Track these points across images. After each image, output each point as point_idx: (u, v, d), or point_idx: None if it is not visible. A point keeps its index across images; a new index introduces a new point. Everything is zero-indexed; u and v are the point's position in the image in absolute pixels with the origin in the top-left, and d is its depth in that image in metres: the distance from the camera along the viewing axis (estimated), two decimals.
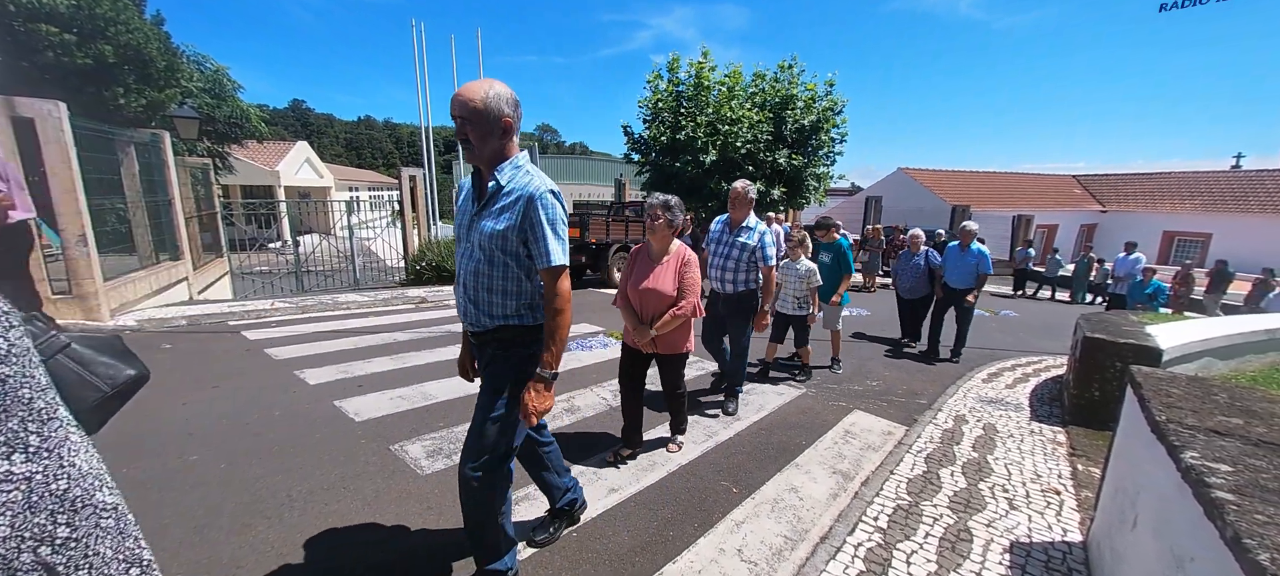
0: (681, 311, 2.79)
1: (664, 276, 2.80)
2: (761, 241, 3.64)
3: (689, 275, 2.81)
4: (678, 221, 2.83)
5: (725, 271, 3.72)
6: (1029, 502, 2.80)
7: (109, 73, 9.57)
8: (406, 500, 2.61)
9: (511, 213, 1.68)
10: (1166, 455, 1.57)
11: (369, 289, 9.35)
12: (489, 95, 1.63)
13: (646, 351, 2.89)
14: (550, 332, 1.72)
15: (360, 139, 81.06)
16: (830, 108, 13.12)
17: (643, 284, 2.81)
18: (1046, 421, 4.02)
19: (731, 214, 3.79)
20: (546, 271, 1.71)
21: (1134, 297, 7.71)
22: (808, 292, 4.52)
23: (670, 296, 2.78)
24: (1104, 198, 24.02)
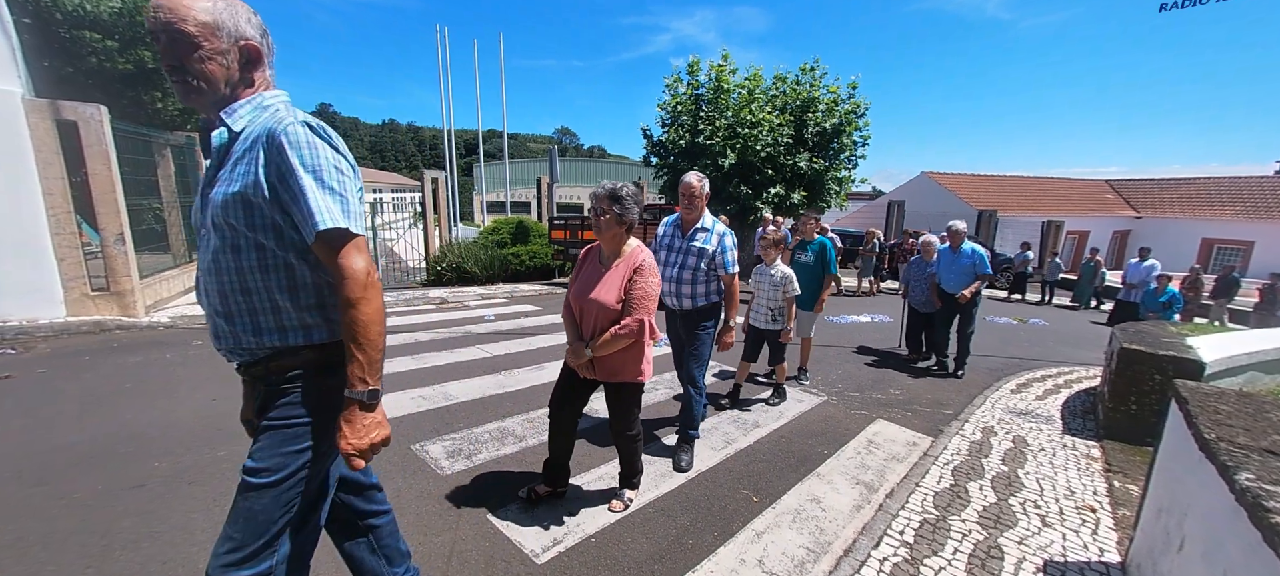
0: (622, 330, 2.22)
1: (608, 285, 2.27)
2: (721, 244, 3.03)
3: (637, 285, 2.25)
4: (630, 216, 2.29)
5: (681, 284, 3.08)
6: (1063, 520, 2.70)
7: (148, 77, 9.94)
8: (427, 500, 2.63)
9: (248, 164, 1.14)
10: (1217, 476, 1.49)
11: (392, 289, 9.51)
12: (217, 5, 1.15)
13: (583, 375, 2.39)
14: (351, 334, 1.16)
15: (384, 142, 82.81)
16: (853, 110, 12.94)
17: (583, 291, 2.34)
18: (1079, 435, 3.88)
19: (682, 213, 3.13)
20: (321, 244, 1.15)
21: (1147, 306, 7.38)
22: (784, 303, 3.97)
23: (612, 310, 2.24)
24: (1138, 203, 23.21)
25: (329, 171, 1.16)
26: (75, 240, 5.51)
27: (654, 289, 2.30)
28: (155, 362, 4.63)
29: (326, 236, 1.14)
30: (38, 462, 2.82)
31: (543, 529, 2.43)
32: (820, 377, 5.03)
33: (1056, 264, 13.04)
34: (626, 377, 2.37)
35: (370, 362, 1.19)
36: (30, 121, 5.16)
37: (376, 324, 1.20)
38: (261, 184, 1.14)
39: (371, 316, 1.18)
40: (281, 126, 1.14)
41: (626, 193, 2.27)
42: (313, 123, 1.19)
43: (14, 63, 5.19)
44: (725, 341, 3.19)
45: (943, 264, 5.41)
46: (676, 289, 3.10)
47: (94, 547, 2.17)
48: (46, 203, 5.29)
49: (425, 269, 10.54)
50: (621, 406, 2.48)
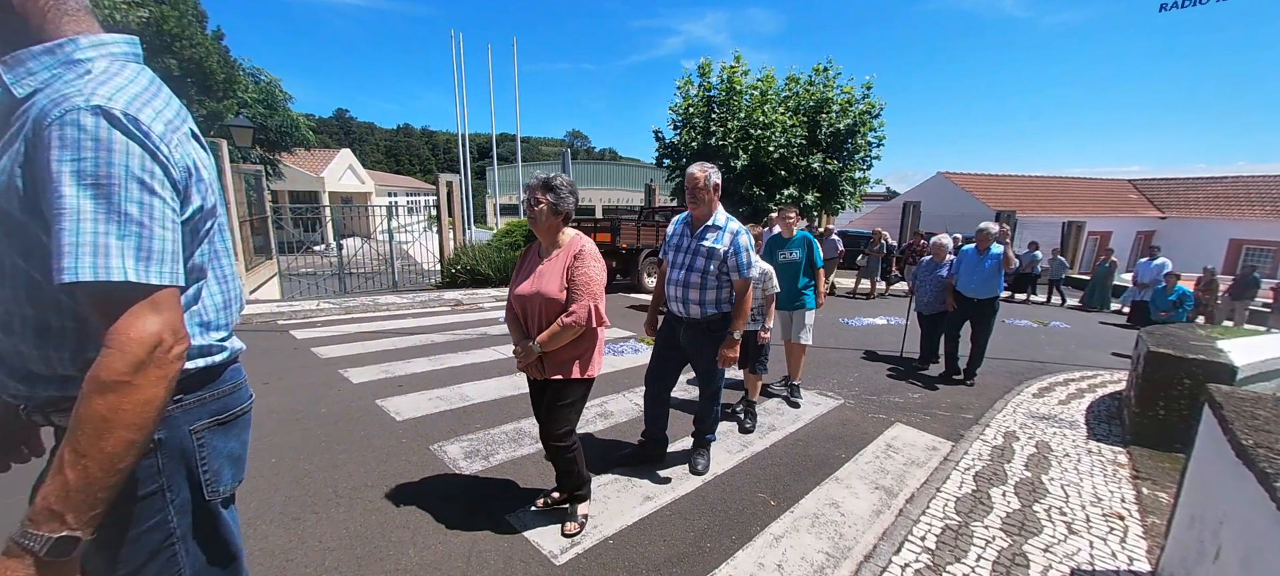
0: (569, 319, 2.11)
1: (549, 276, 2.17)
2: (734, 244, 2.68)
3: (579, 271, 2.14)
4: (565, 205, 2.18)
5: (688, 288, 2.74)
6: (1089, 527, 2.64)
7: (174, 85, 10.18)
8: (446, 500, 2.66)
9: (10, 155, 0.78)
10: (1256, 483, 1.44)
11: (407, 291, 9.63)
12: None
13: (532, 375, 2.27)
14: (77, 432, 0.72)
15: (399, 146, 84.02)
16: (867, 111, 12.85)
17: (524, 287, 2.21)
18: (1105, 441, 3.80)
19: (691, 209, 2.82)
20: (85, 300, 0.77)
21: (1157, 305, 7.16)
22: (763, 301, 3.69)
23: (557, 301, 2.14)
24: (1163, 203, 22.64)
25: (124, 186, 0.74)
26: None
27: (597, 274, 2.19)
28: None
29: (89, 290, 0.74)
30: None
31: (561, 530, 2.43)
32: (836, 380, 4.98)
33: (1060, 262, 12.70)
34: (576, 374, 2.23)
35: (86, 488, 0.71)
36: None
37: (126, 432, 0.73)
38: (16, 187, 0.76)
39: (125, 416, 0.73)
40: (60, 109, 0.73)
41: (561, 182, 2.19)
42: (118, 110, 0.75)
43: None
44: (725, 355, 2.73)
45: (965, 265, 5.13)
46: (683, 294, 2.77)
47: None
48: None
49: (440, 271, 10.65)
50: (563, 407, 2.27)
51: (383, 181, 36.21)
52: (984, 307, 5.03)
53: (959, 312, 5.19)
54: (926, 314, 5.59)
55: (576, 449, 2.39)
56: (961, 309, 5.16)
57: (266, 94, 14.74)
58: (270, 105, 14.80)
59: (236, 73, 12.77)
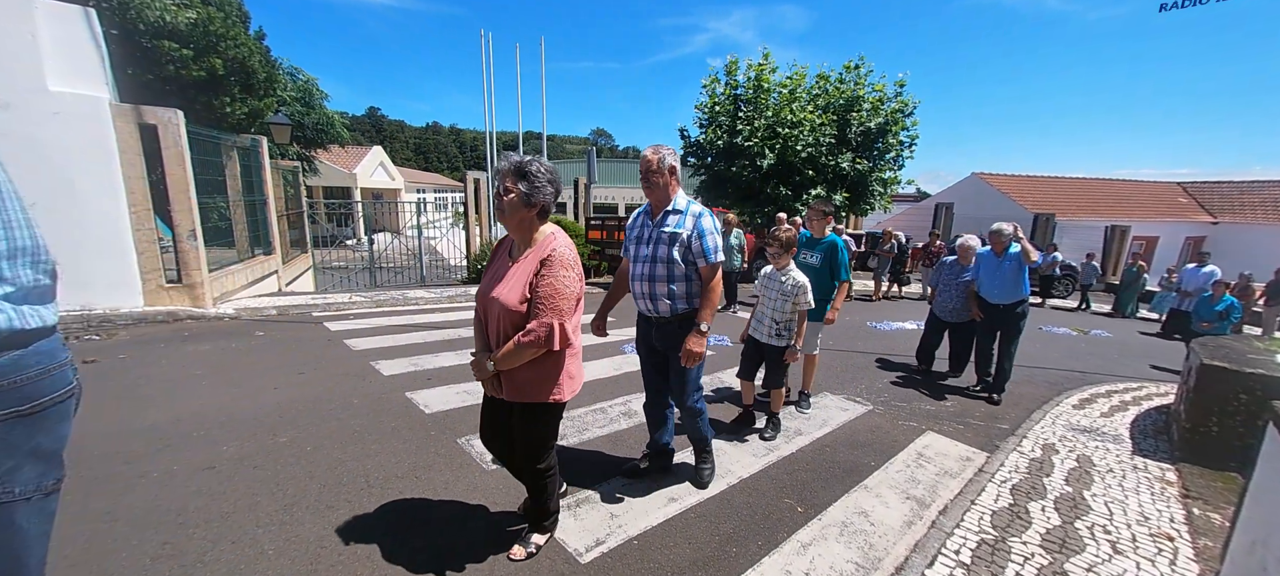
0: (526, 338, 1.81)
1: (512, 281, 1.87)
2: (697, 227, 2.43)
3: (544, 281, 1.83)
4: (541, 197, 1.88)
5: (654, 282, 2.49)
6: (1136, 547, 2.51)
7: (219, 83, 10.63)
8: (472, 493, 2.69)
9: None
10: None
11: (435, 286, 9.82)
12: None
13: (489, 393, 2.03)
14: None
15: (428, 144, 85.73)
16: (900, 110, 12.55)
17: (486, 290, 1.95)
18: (1152, 456, 3.62)
19: (647, 195, 2.56)
20: None
21: (1201, 315, 6.75)
22: (794, 315, 3.36)
23: (515, 312, 1.84)
24: (1215, 208, 21.47)
25: None
26: (153, 235, 5.94)
27: (566, 286, 1.85)
28: (223, 352, 4.93)
29: None
30: (123, 442, 3.05)
31: (586, 528, 2.44)
32: (864, 386, 4.87)
33: (1093, 267, 12.17)
34: (537, 397, 1.96)
35: None
36: (116, 125, 5.58)
37: None
38: None
39: None
40: None
41: (537, 168, 1.86)
42: None
43: (103, 71, 5.63)
44: (689, 350, 2.45)
45: (984, 270, 4.77)
46: (649, 289, 2.51)
47: (170, 524, 2.32)
48: (128, 200, 5.72)
49: (466, 267, 10.82)
50: (532, 433, 2.04)
51: (412, 178, 36.99)
52: (1010, 313, 4.65)
53: (986, 322, 4.84)
54: (945, 320, 5.24)
55: (552, 475, 2.17)
56: (989, 317, 4.80)
57: (304, 92, 15.23)
58: (307, 103, 15.28)
59: (277, 72, 13.22)
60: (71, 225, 5.43)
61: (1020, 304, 4.63)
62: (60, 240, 5.40)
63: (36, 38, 5.13)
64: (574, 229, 11.87)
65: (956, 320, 5.16)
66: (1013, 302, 4.62)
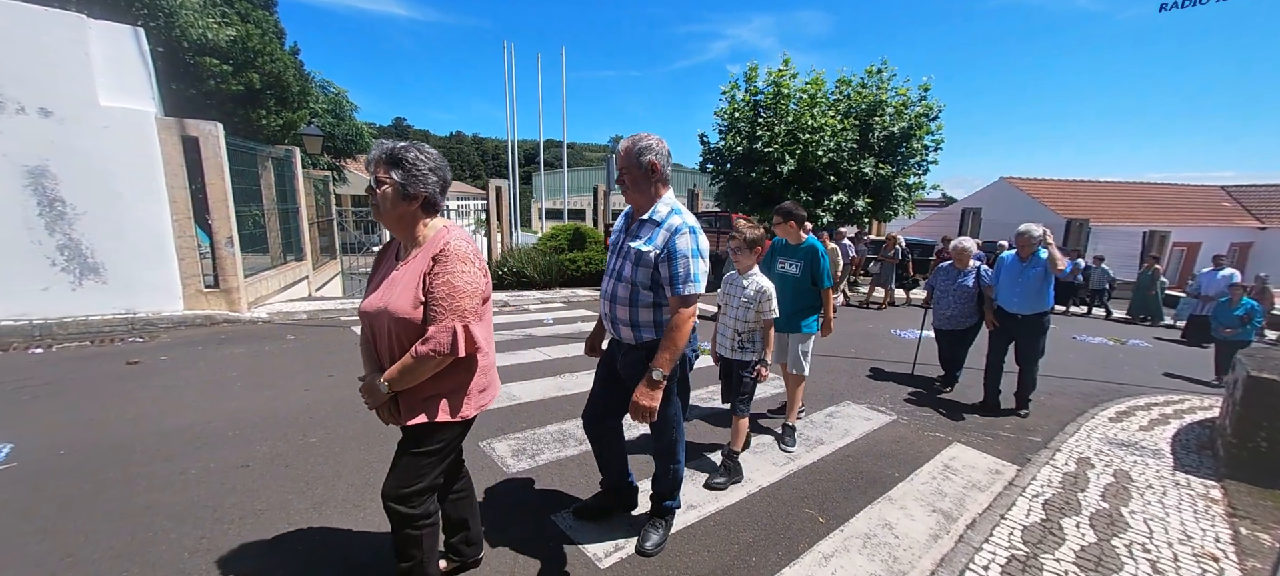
0: (425, 348, 1.53)
1: (402, 287, 1.59)
2: (670, 248, 1.96)
3: (440, 279, 1.55)
4: (422, 188, 1.60)
5: (615, 303, 2.10)
6: (1178, 567, 2.41)
7: (256, 97, 11.07)
8: (494, 497, 2.73)
9: None
10: None
11: None
12: None
13: (385, 420, 1.68)
14: None
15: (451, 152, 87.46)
16: (924, 114, 12.34)
17: (370, 300, 1.65)
18: (1195, 473, 3.46)
19: (626, 198, 2.12)
20: None
21: (1220, 320, 6.42)
22: (757, 325, 2.94)
23: (410, 321, 1.56)
24: (1262, 212, 20.46)
25: None
26: (193, 242, 6.19)
27: (467, 282, 1.57)
28: (257, 354, 5.10)
29: None
30: (164, 440, 3.18)
31: (605, 534, 2.45)
32: (888, 395, 4.78)
33: (1102, 271, 11.65)
34: (443, 415, 1.64)
35: None
36: (161, 137, 5.86)
37: None
38: None
39: None
40: None
41: (414, 155, 1.59)
42: None
43: (150, 87, 5.92)
44: (637, 404, 1.97)
45: (1005, 276, 4.42)
46: (610, 310, 2.14)
47: (207, 520, 2.41)
48: (171, 209, 5.99)
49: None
50: (418, 456, 1.67)
51: None
52: (1030, 325, 4.29)
53: (1001, 332, 4.48)
54: (944, 329, 4.95)
55: (430, 525, 1.73)
56: (1004, 327, 4.45)
57: (335, 104, 15.74)
58: (338, 115, 15.79)
59: (309, 85, 13.71)
60: (118, 233, 5.71)
61: (1043, 315, 4.28)
62: (108, 247, 5.69)
63: (90, 56, 5.43)
64: (593, 236, 11.97)
65: (954, 327, 4.87)
66: (1035, 314, 4.26)
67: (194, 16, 9.12)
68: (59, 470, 2.79)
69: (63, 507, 2.46)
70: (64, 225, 5.46)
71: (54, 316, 5.45)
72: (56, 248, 5.46)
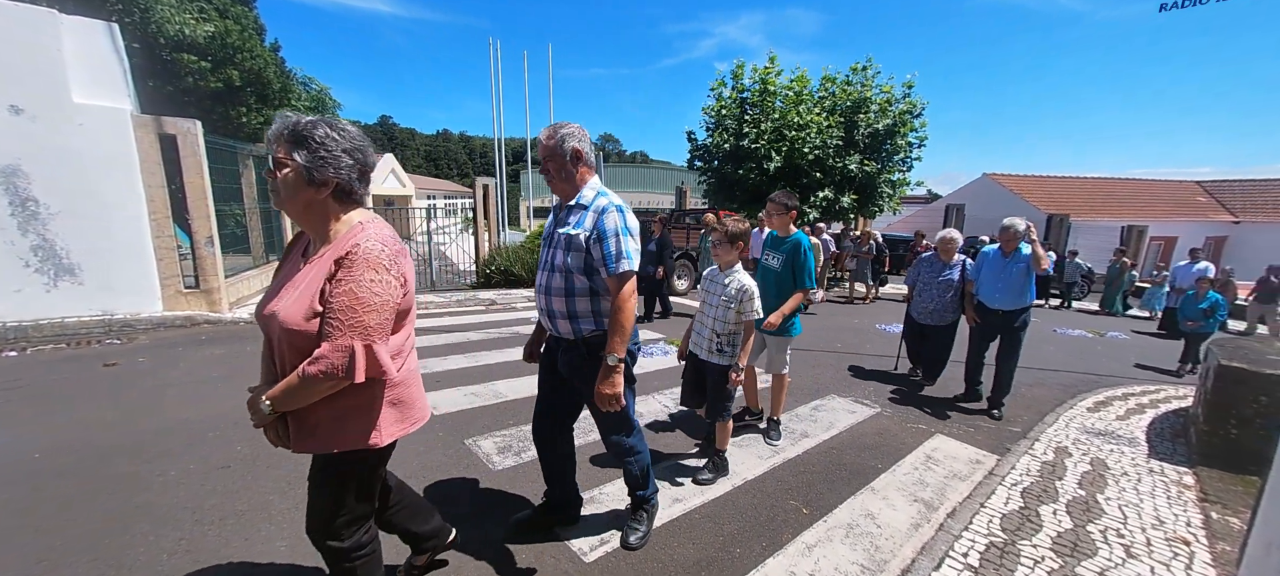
0: (314, 369, 1.27)
1: (299, 290, 1.34)
2: (599, 228, 1.91)
3: (341, 288, 1.29)
4: (329, 172, 1.34)
5: (550, 295, 2.01)
6: (1150, 552, 2.47)
7: (235, 94, 10.88)
8: (480, 494, 2.73)
9: None
10: None
11: (444, 290, 9.91)
12: None
13: (272, 442, 1.43)
14: None
15: (438, 151, 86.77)
16: (908, 111, 12.48)
17: (267, 303, 1.39)
18: (1169, 460, 3.55)
19: (550, 187, 2.06)
20: None
21: (1186, 314, 6.63)
22: (738, 326, 2.79)
23: (302, 333, 1.31)
24: (1236, 207, 21.01)
25: None
26: (172, 242, 6.08)
27: (373, 295, 1.30)
28: (238, 355, 5.02)
29: None
30: (143, 442, 3.13)
31: (590, 529, 2.45)
32: (872, 389, 4.84)
33: (1076, 265, 11.90)
34: (339, 444, 1.41)
35: None
36: (137, 135, 5.74)
37: None
38: None
39: None
40: None
41: (322, 133, 1.33)
42: None
43: (125, 84, 5.79)
44: (602, 393, 1.95)
45: (988, 270, 4.32)
46: (545, 303, 2.04)
47: (187, 521, 2.38)
48: (149, 208, 5.87)
49: (475, 271, 10.92)
50: (330, 490, 1.49)
51: (423, 185, 37.43)
52: (1012, 321, 4.21)
53: (982, 328, 4.40)
54: (923, 323, 4.83)
55: (365, 556, 1.56)
56: (985, 323, 4.36)
57: (317, 102, 15.51)
58: (320, 112, 15.57)
59: (291, 82, 13.52)
60: (94, 233, 5.58)
61: (1024, 311, 4.22)
62: (83, 247, 5.56)
63: (62, 52, 5.30)
64: None
65: (934, 322, 4.76)
66: (1017, 309, 4.19)
67: (170, 12, 8.94)
68: (33, 474, 2.73)
69: (37, 512, 2.41)
70: (37, 225, 5.33)
71: (28, 319, 5.32)
72: (30, 248, 5.33)
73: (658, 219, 7.91)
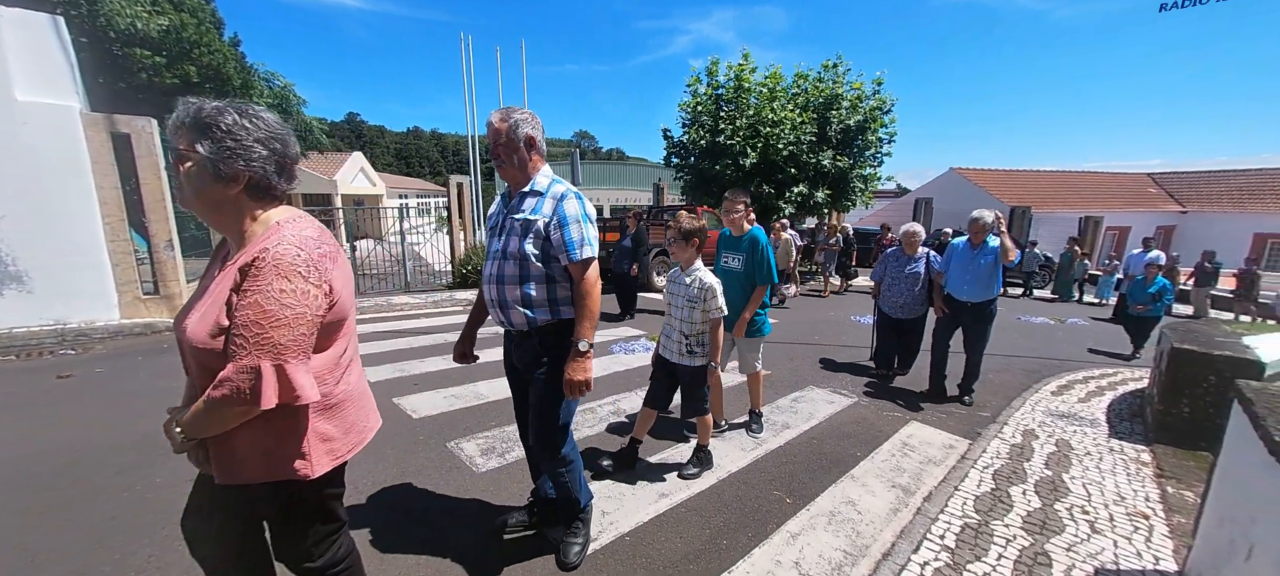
0: (219, 392, 1.10)
1: (207, 303, 1.18)
2: (559, 214, 1.89)
3: (247, 300, 1.11)
4: (239, 165, 1.16)
5: (504, 284, 1.93)
6: (1113, 526, 2.60)
7: (192, 91, 10.42)
8: (464, 496, 2.69)
9: None
10: None
11: (420, 292, 9.73)
12: None
13: (196, 465, 1.28)
14: None
15: (409, 148, 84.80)
16: (878, 107, 12.74)
17: (181, 316, 1.24)
18: (1127, 439, 3.73)
19: (500, 173, 1.99)
20: None
21: (1135, 298, 7.06)
22: (705, 326, 2.78)
23: (209, 351, 1.15)
24: (1184, 197, 22.17)
25: None
26: (128, 246, 5.80)
27: (284, 307, 1.12)
28: None
29: None
30: (109, 456, 2.98)
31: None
32: (850, 379, 4.95)
33: (1035, 254, 12.50)
34: (267, 475, 1.23)
35: None
36: (87, 134, 5.45)
37: None
38: None
39: None
40: None
41: (231, 120, 1.15)
42: None
43: (72, 80, 5.49)
44: (571, 379, 1.90)
45: (956, 263, 4.36)
46: (497, 294, 1.96)
47: (156, 537, 2.28)
48: (102, 211, 5.58)
49: (451, 272, 10.74)
50: (291, 525, 1.35)
51: (394, 184, 36.55)
52: (980, 312, 4.25)
53: (949, 319, 4.43)
54: (895, 317, 4.85)
55: (345, 570, 1.46)
56: (953, 315, 4.40)
57: (281, 98, 14.98)
58: (285, 109, 15.04)
59: (252, 78, 13.01)
60: (44, 238, 5.29)
61: (991, 303, 4.28)
62: (33, 253, 5.26)
63: (2, 47, 4.99)
64: None
65: (905, 315, 4.79)
66: (984, 301, 4.24)
67: (121, 5, 8.51)
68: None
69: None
70: None
71: None
72: None
73: (631, 215, 7.88)
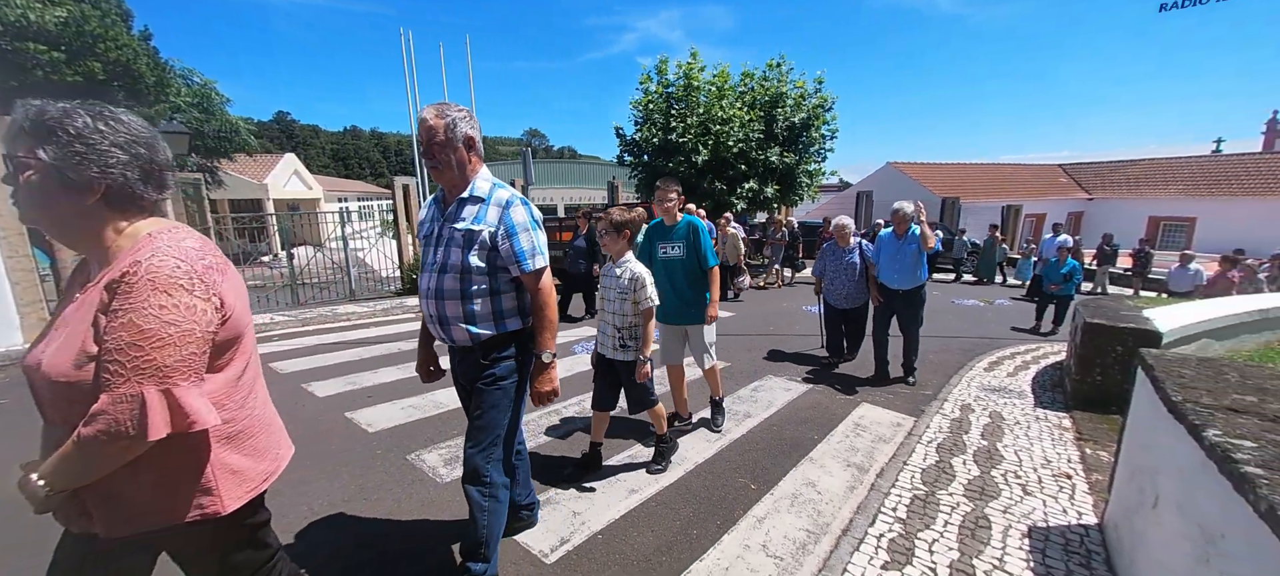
0: (91, 430, 0.93)
1: (67, 329, 1.02)
2: (506, 223, 1.78)
3: (118, 320, 0.95)
4: (90, 171, 1.00)
5: (442, 300, 1.80)
6: (1042, 488, 2.85)
7: (99, 90, 9.47)
8: (429, 508, 2.62)
9: None
10: (1187, 434, 1.61)
11: (366, 300, 9.30)
12: None
13: (68, 526, 1.11)
14: None
15: (347, 149, 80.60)
16: (820, 105, 13.27)
17: (32, 350, 1.07)
18: (1050, 408, 4.09)
19: (434, 177, 1.81)
20: None
21: (1049, 278, 7.92)
22: (637, 318, 2.71)
23: (73, 386, 0.98)
24: (1089, 185, 24.40)
25: None
26: (29, 263, 5.23)
27: (163, 325, 0.97)
28: None
29: None
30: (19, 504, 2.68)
31: (549, 529, 2.44)
32: (805, 367, 5.15)
33: (963, 242, 13.49)
34: (166, 519, 1.08)
35: None
36: None
37: None
38: None
39: None
40: None
41: (80, 124, 0.99)
42: None
43: None
44: (537, 389, 1.88)
45: (884, 253, 4.62)
46: (437, 310, 1.82)
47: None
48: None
49: (400, 277, 10.33)
50: (209, 566, 1.22)
51: (332, 186, 34.68)
52: (910, 298, 4.56)
53: (884, 307, 4.70)
54: (840, 307, 5.01)
55: None
56: (888, 303, 4.67)
57: (201, 97, 13.84)
58: (206, 109, 13.91)
59: (167, 75, 11.95)
60: None
61: (920, 289, 4.55)
62: None
63: None
64: None
65: (850, 305, 4.95)
66: (913, 288, 4.52)
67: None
68: None
69: None
70: None
71: None
72: None
73: (581, 214, 7.78)
